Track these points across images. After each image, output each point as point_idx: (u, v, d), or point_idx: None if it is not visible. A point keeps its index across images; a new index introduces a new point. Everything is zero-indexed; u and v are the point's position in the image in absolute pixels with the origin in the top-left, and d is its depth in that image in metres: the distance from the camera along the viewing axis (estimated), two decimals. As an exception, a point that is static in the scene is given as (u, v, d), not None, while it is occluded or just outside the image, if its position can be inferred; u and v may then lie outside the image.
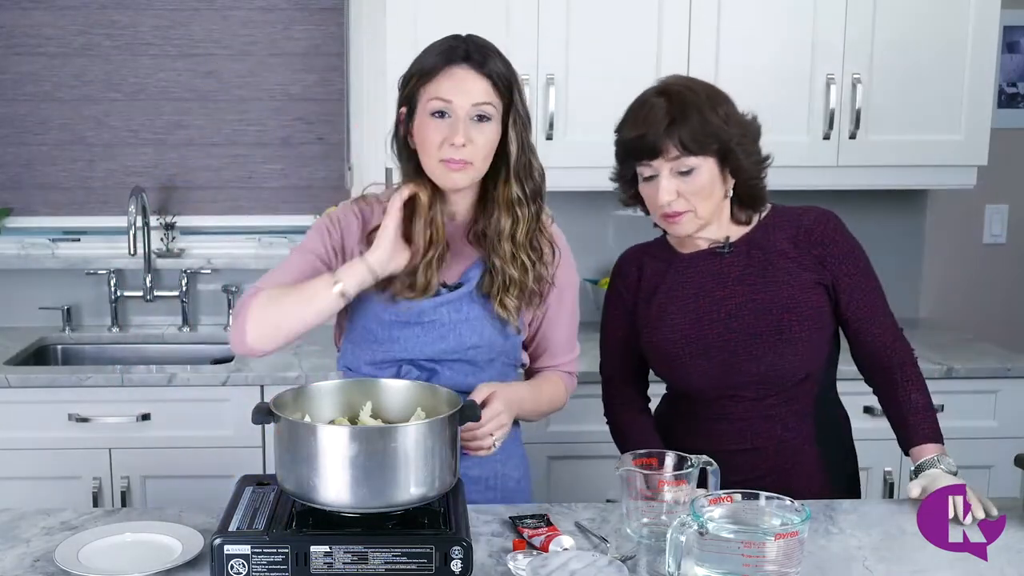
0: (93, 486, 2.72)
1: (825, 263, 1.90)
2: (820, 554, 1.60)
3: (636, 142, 1.84)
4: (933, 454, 1.81)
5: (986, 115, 2.95)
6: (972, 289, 3.44)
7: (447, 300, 1.84)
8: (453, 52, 1.79)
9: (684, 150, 1.80)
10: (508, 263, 1.83)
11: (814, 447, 1.94)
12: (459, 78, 1.77)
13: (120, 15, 3.21)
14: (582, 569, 1.38)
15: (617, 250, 2.11)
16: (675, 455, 1.68)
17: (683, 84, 1.87)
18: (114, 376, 2.75)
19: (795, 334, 1.87)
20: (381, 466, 1.45)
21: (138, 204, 3.10)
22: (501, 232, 1.82)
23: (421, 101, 1.79)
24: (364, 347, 1.87)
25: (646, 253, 2.02)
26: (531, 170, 1.85)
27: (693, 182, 1.82)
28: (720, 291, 1.91)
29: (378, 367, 1.85)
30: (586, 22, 2.85)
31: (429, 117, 1.77)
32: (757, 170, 1.88)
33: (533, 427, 2.76)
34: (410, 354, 1.84)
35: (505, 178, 1.82)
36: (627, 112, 1.90)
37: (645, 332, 1.96)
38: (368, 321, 1.85)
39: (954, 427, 2.82)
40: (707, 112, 1.81)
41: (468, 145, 1.75)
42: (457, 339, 1.84)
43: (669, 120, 1.80)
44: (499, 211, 1.83)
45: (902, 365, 1.90)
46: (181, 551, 1.56)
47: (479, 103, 1.76)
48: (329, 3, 3.24)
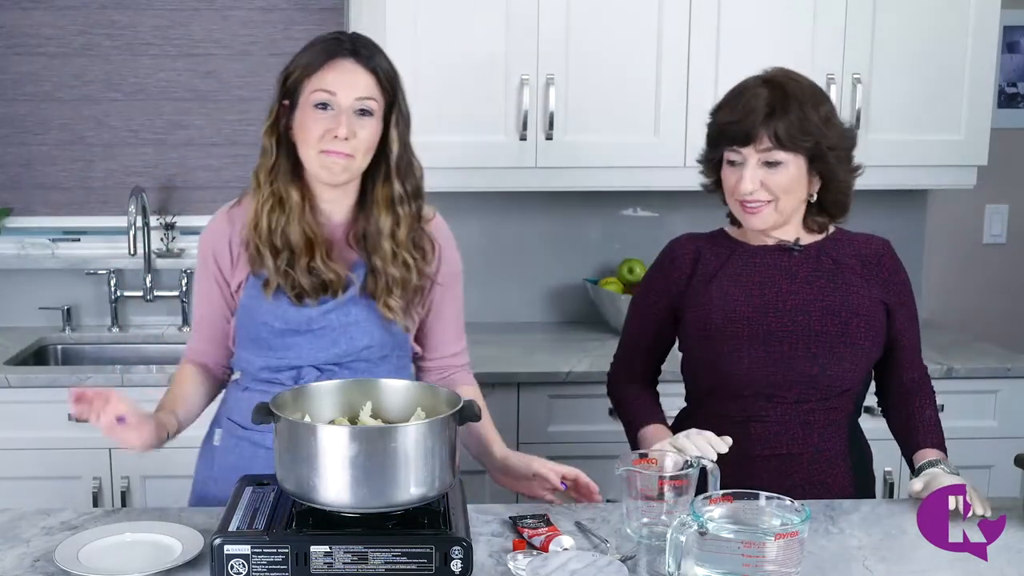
0: (93, 486, 2.72)
1: (888, 288, 1.91)
2: (820, 554, 1.60)
3: (731, 126, 1.82)
4: (935, 457, 1.83)
5: (986, 115, 2.95)
6: (972, 289, 3.44)
7: (334, 305, 1.83)
8: (338, 46, 1.79)
9: (777, 143, 1.79)
10: (389, 263, 1.82)
11: (847, 462, 1.92)
12: (344, 70, 1.77)
13: (120, 15, 3.21)
14: (582, 569, 1.39)
15: (617, 250, 2.11)
16: (675, 455, 1.68)
17: (789, 77, 1.86)
18: (114, 376, 2.75)
19: (857, 341, 1.86)
20: (381, 466, 1.45)
21: (138, 204, 3.10)
22: (382, 231, 1.82)
23: (304, 94, 1.78)
24: (258, 353, 1.86)
25: (703, 239, 1.99)
26: (412, 168, 1.85)
27: (778, 176, 1.81)
28: (787, 285, 1.89)
29: (275, 372, 1.86)
30: (586, 22, 2.85)
31: (312, 109, 1.76)
32: (847, 179, 1.88)
33: (533, 427, 2.77)
34: (305, 360, 1.84)
35: (386, 177, 1.83)
36: (726, 96, 1.88)
37: (699, 311, 1.91)
38: (258, 330, 1.84)
39: (954, 427, 2.82)
40: (808, 109, 1.80)
41: (351, 138, 1.75)
42: (349, 343, 1.84)
43: (768, 110, 1.79)
44: (379, 210, 1.83)
45: (922, 388, 1.95)
46: (181, 551, 1.55)
47: (363, 97, 1.76)
48: (329, 3, 3.24)
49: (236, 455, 1.89)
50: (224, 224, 1.88)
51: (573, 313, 3.31)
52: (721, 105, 1.88)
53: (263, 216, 1.81)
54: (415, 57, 2.84)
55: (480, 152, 2.88)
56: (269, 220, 1.80)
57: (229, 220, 1.88)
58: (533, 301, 3.33)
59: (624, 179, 2.97)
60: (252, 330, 1.85)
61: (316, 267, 1.80)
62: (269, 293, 1.81)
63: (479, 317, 3.27)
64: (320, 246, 1.82)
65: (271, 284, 1.81)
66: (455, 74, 2.85)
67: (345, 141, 1.75)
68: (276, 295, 1.82)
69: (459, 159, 2.88)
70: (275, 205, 1.81)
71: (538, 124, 2.87)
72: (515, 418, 2.76)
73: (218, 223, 1.89)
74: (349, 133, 1.75)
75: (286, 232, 1.80)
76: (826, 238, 1.93)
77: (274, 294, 1.81)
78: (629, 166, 2.94)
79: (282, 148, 1.82)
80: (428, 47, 2.84)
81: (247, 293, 1.85)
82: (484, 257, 3.27)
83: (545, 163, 2.90)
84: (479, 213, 3.25)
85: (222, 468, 1.90)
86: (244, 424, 1.87)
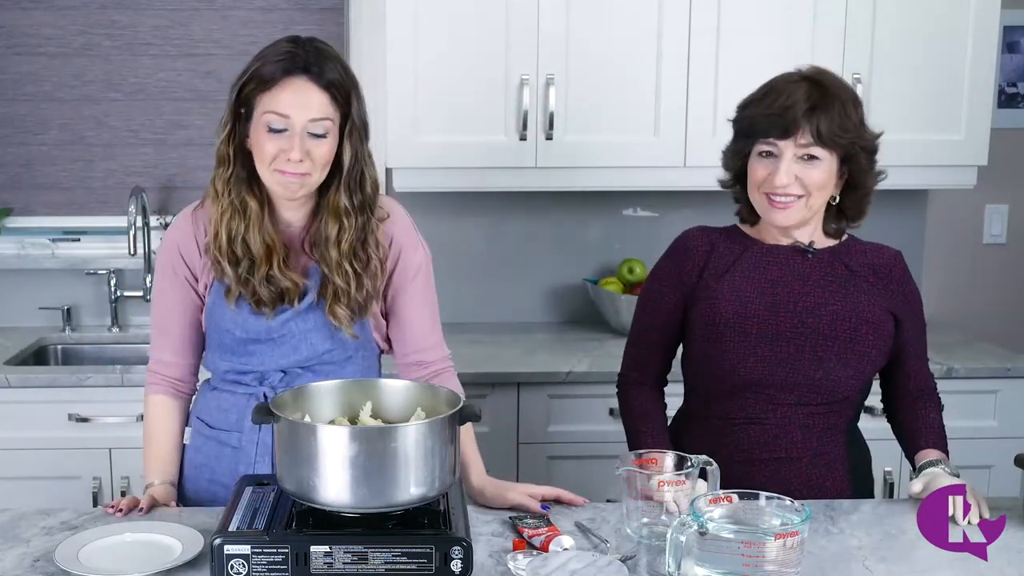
0: (93, 486, 2.72)
1: (897, 298, 1.91)
2: (820, 554, 1.60)
3: (771, 118, 1.81)
4: (936, 457, 1.84)
5: (986, 115, 2.95)
6: (972, 289, 3.43)
7: (293, 315, 1.83)
8: (292, 61, 1.75)
9: (817, 138, 1.79)
10: (334, 271, 1.82)
11: (845, 465, 1.92)
12: (297, 90, 1.74)
13: (120, 15, 3.21)
14: (582, 569, 1.39)
15: (617, 250, 2.10)
16: (675, 455, 1.68)
17: (828, 74, 1.86)
18: (114, 376, 2.75)
19: (865, 348, 1.86)
20: (381, 466, 1.45)
21: (138, 204, 3.10)
22: (328, 239, 1.82)
23: (257, 110, 1.76)
24: (224, 358, 1.88)
25: (718, 233, 1.97)
26: (363, 181, 1.83)
27: (813, 171, 1.81)
28: (800, 286, 1.88)
29: (241, 375, 1.88)
30: (586, 22, 2.85)
31: (266, 131, 1.75)
32: (871, 182, 1.88)
33: (533, 427, 2.77)
34: (268, 366, 1.86)
35: (336, 186, 1.81)
36: (760, 90, 1.86)
37: (709, 304, 1.89)
38: (222, 336, 1.86)
39: (954, 427, 2.81)
40: (849, 108, 1.81)
41: (305, 160, 1.74)
42: (310, 348, 1.85)
43: (810, 106, 1.79)
44: (327, 217, 1.82)
45: (929, 394, 1.97)
46: (181, 551, 1.55)
47: (316, 119, 1.74)
48: (329, 3, 3.24)
49: (204, 454, 1.90)
50: (189, 224, 1.88)
51: (573, 313, 3.31)
52: (754, 99, 1.87)
53: (222, 225, 1.80)
54: (415, 57, 2.84)
55: (480, 152, 2.88)
56: (228, 229, 1.80)
57: (194, 221, 1.88)
58: (533, 301, 3.33)
59: (624, 179, 2.97)
60: (217, 336, 1.87)
61: (274, 275, 1.81)
62: (231, 301, 1.82)
63: (479, 317, 3.28)
64: (278, 253, 1.82)
65: (232, 292, 1.82)
66: (455, 74, 2.85)
67: (299, 163, 1.74)
68: (238, 303, 1.83)
69: (459, 159, 2.88)
70: (234, 214, 1.80)
71: (538, 124, 2.87)
72: (515, 418, 2.76)
73: (183, 224, 1.89)
74: (303, 155, 1.74)
75: (246, 240, 1.80)
76: (839, 244, 1.93)
77: (236, 302, 1.82)
78: (629, 166, 2.94)
79: (239, 157, 1.81)
80: (428, 47, 2.84)
81: (212, 297, 1.85)
82: (484, 257, 3.28)
83: (545, 163, 2.90)
84: (479, 213, 3.25)
85: (191, 467, 1.92)
86: (211, 423, 1.90)
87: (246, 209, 1.80)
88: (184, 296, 1.88)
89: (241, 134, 1.80)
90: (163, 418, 1.92)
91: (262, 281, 1.80)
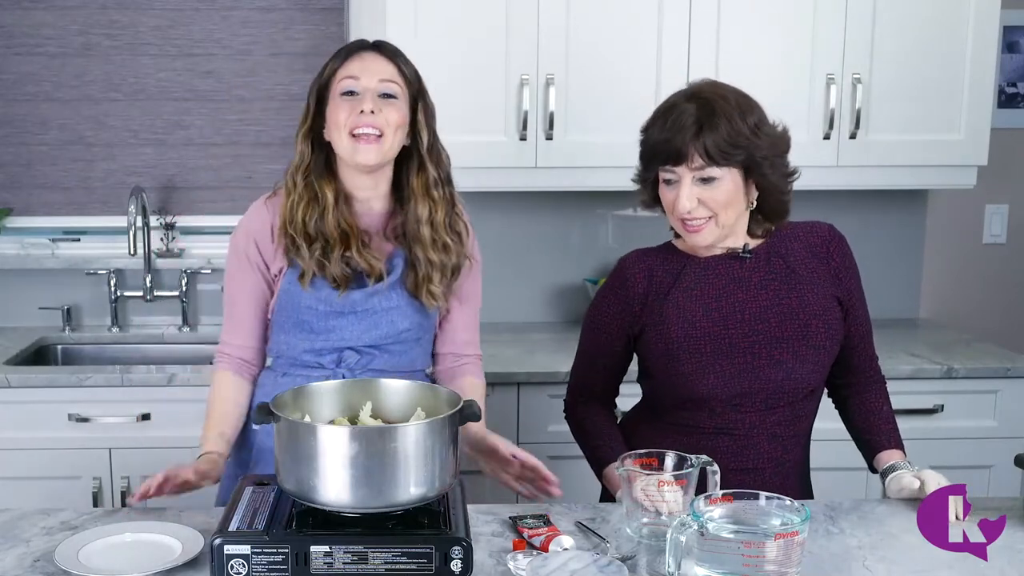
0: (93, 486, 2.72)
1: (840, 278, 1.90)
2: (820, 554, 1.60)
3: (661, 146, 1.81)
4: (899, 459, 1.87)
5: (986, 115, 2.95)
6: (972, 289, 3.44)
7: (376, 290, 1.91)
8: (361, 43, 1.93)
9: (708, 159, 1.77)
10: (429, 248, 1.90)
11: (799, 470, 1.95)
12: (366, 59, 1.89)
13: (120, 15, 3.21)
14: (582, 569, 1.39)
15: (617, 250, 2.11)
16: (675, 455, 1.68)
17: (714, 91, 1.83)
18: (114, 376, 2.75)
19: (819, 341, 1.86)
20: (381, 466, 1.45)
21: (138, 204, 3.10)
22: (420, 219, 1.90)
23: (333, 88, 1.89)
24: (300, 336, 1.93)
25: (653, 256, 1.96)
26: (442, 156, 1.95)
27: (715, 191, 1.80)
28: (742, 294, 1.88)
29: (318, 354, 1.93)
30: (586, 22, 2.85)
31: (340, 99, 1.86)
32: (784, 184, 1.86)
33: (533, 427, 2.77)
34: (348, 342, 1.92)
35: (419, 165, 1.92)
36: (655, 114, 1.86)
37: (658, 331, 1.89)
38: (301, 313, 1.91)
39: (954, 427, 2.84)
40: (736, 122, 1.78)
41: (377, 114, 1.83)
42: (390, 325, 1.92)
43: (696, 128, 1.77)
44: (415, 199, 1.91)
45: (879, 382, 1.98)
46: (181, 551, 1.56)
47: (385, 79, 1.87)
48: (329, 3, 3.24)
49: None
50: (264, 212, 1.94)
51: (573, 313, 3.31)
52: (650, 123, 1.86)
53: (297, 211, 1.88)
54: (415, 57, 2.81)
55: (480, 152, 2.88)
56: (304, 214, 1.87)
57: (268, 208, 1.94)
58: (533, 301, 3.33)
59: (624, 179, 2.94)
60: (295, 314, 1.91)
61: (351, 257, 1.88)
62: (305, 284, 1.88)
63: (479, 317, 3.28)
64: (356, 237, 1.89)
65: (306, 275, 1.87)
66: (455, 74, 2.85)
67: (372, 115, 1.82)
68: (313, 282, 1.88)
69: (459, 159, 2.85)
70: (309, 202, 1.88)
71: (538, 124, 2.87)
72: (515, 418, 2.76)
73: (257, 211, 1.96)
74: (376, 108, 1.83)
75: (320, 224, 1.87)
76: (772, 236, 1.92)
77: (311, 283, 1.88)
78: (629, 166, 2.91)
79: (315, 149, 1.90)
80: (428, 47, 2.84)
81: (287, 279, 1.91)
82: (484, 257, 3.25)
83: (545, 163, 2.90)
84: (479, 213, 3.21)
85: (262, 451, 1.95)
86: None
87: (321, 197, 1.88)
88: (256, 282, 1.94)
89: (318, 126, 1.90)
90: (226, 391, 1.95)
91: (338, 261, 1.87)
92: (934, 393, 2.81)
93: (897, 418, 1.97)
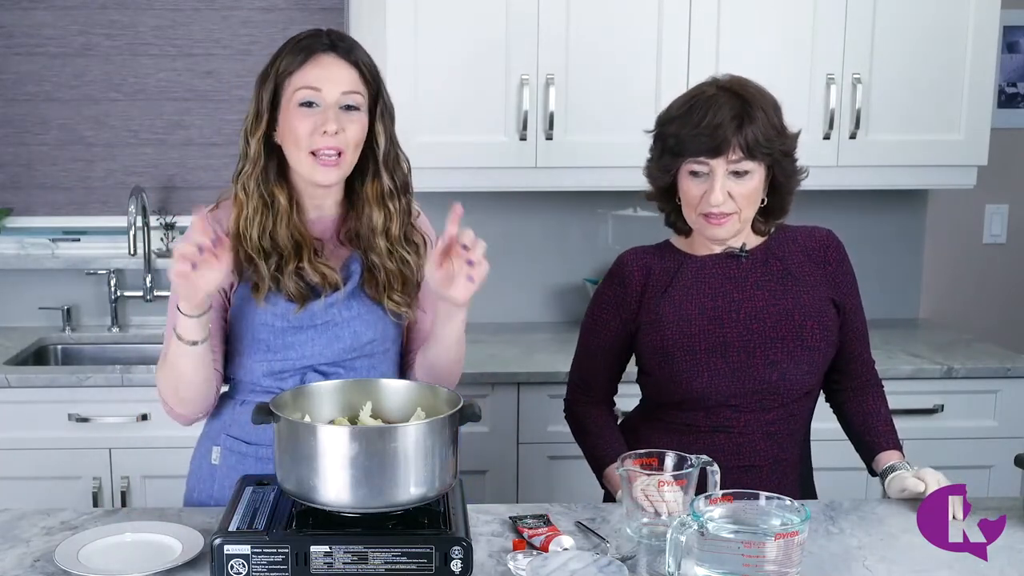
0: (93, 486, 2.72)
1: (835, 281, 1.91)
2: (820, 554, 1.60)
3: (700, 137, 1.78)
4: (897, 460, 1.86)
5: (986, 115, 2.95)
6: (972, 289, 3.44)
7: (334, 300, 1.79)
8: (318, 40, 1.76)
9: (747, 153, 1.77)
10: (386, 259, 1.80)
11: (797, 470, 1.95)
12: (326, 65, 1.73)
13: (120, 15, 3.21)
14: (582, 569, 1.38)
15: (617, 250, 2.10)
16: (675, 455, 1.68)
17: (746, 84, 1.82)
18: (114, 376, 2.75)
19: (814, 343, 1.86)
20: (381, 466, 1.45)
21: (138, 204, 3.10)
22: (374, 229, 1.80)
23: (286, 93, 1.74)
24: (256, 357, 1.80)
25: (651, 254, 1.97)
26: (399, 162, 1.83)
27: (745, 186, 1.79)
28: (738, 293, 1.88)
29: (277, 377, 1.80)
30: (586, 22, 2.85)
31: (297, 108, 1.73)
32: (793, 184, 1.88)
33: (533, 427, 2.77)
34: (309, 360, 1.79)
35: (374, 172, 1.81)
36: (684, 104, 1.83)
37: (654, 328, 1.89)
38: (257, 331, 1.79)
39: (954, 427, 2.84)
40: (771, 116, 1.79)
41: (340, 133, 1.72)
42: (353, 337, 1.81)
43: (738, 120, 1.76)
44: (370, 207, 1.80)
45: (877, 386, 1.97)
46: (181, 551, 1.55)
47: (348, 91, 1.73)
48: (329, 3, 3.24)
49: (240, 472, 1.79)
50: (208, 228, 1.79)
51: (573, 313, 3.30)
52: (677, 115, 1.83)
53: (253, 223, 1.76)
54: (415, 57, 2.84)
55: (480, 152, 2.88)
56: (256, 224, 1.76)
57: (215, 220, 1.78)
58: (533, 301, 3.33)
59: (624, 179, 2.95)
60: (250, 331, 1.80)
61: (303, 269, 1.76)
62: (260, 298, 1.76)
63: (479, 317, 3.26)
64: (308, 248, 1.78)
65: (261, 290, 1.76)
66: (455, 74, 2.85)
67: (334, 136, 1.71)
68: (268, 298, 1.77)
69: (459, 159, 2.88)
70: (264, 210, 1.77)
71: (538, 124, 2.87)
72: (515, 418, 2.77)
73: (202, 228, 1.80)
74: (338, 128, 1.72)
75: (273, 236, 1.76)
76: (770, 238, 1.93)
77: (266, 297, 1.76)
78: (629, 166, 2.91)
79: (266, 152, 1.78)
80: (428, 47, 2.84)
81: (239, 295, 1.80)
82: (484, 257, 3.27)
83: (545, 163, 2.90)
84: (479, 213, 3.22)
85: (223, 488, 1.83)
86: (248, 439, 1.82)
87: (275, 204, 1.77)
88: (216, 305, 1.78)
89: (269, 128, 1.77)
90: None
91: (291, 275, 1.76)
92: (934, 393, 2.81)
93: (897, 418, 1.97)
